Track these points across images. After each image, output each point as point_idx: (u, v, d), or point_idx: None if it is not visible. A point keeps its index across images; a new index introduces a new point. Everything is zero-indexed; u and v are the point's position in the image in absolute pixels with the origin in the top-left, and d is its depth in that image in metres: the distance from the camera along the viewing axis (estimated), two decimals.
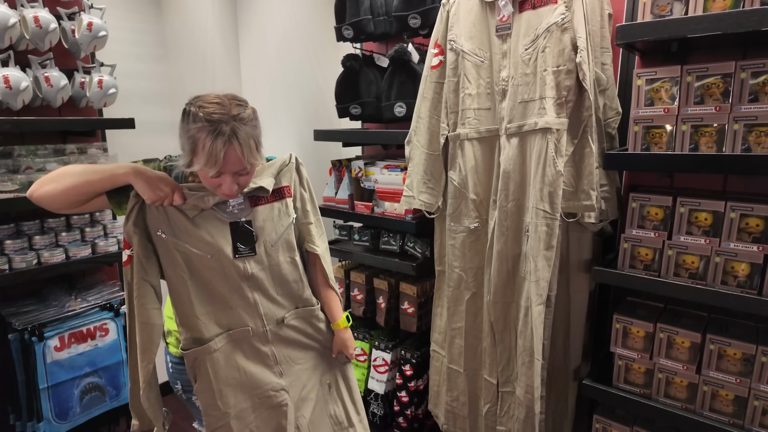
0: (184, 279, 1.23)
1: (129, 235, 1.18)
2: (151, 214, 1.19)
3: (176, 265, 1.22)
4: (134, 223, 1.18)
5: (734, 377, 1.39)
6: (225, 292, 1.26)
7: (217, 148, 1.06)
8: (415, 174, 1.88)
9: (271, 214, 1.29)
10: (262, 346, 1.32)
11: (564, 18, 1.46)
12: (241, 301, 1.27)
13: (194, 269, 1.24)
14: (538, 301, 1.58)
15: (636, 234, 1.50)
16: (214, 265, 1.23)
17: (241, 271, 1.25)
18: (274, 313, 1.33)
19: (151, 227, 1.20)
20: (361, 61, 2.18)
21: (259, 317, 1.30)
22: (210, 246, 1.22)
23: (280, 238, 1.30)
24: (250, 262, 1.26)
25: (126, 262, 1.20)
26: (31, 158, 2.03)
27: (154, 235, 1.20)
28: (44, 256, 1.99)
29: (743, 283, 1.34)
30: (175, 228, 1.20)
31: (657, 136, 1.43)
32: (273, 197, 1.30)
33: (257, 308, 1.29)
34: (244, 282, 1.26)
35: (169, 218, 1.19)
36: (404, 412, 2.21)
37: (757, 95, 1.28)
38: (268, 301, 1.31)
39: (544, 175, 1.53)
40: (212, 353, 1.26)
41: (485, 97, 1.69)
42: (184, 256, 1.22)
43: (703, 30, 1.24)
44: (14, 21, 1.79)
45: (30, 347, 1.91)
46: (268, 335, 1.32)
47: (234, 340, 1.29)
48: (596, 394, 1.63)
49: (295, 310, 1.37)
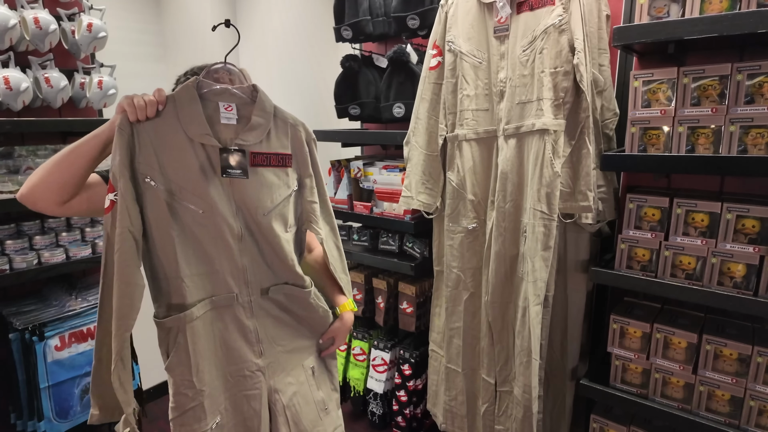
0: (171, 236, 1.09)
1: (115, 175, 1.03)
2: (142, 155, 1.06)
3: (163, 218, 1.08)
4: (121, 161, 1.03)
5: (730, 377, 1.40)
6: (213, 254, 1.14)
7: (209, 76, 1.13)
8: (413, 174, 1.88)
9: (270, 179, 1.19)
10: (246, 319, 1.21)
11: (561, 19, 1.47)
12: (229, 264, 1.16)
13: (183, 225, 1.11)
14: (535, 302, 1.59)
15: (633, 235, 1.51)
16: (206, 222, 1.12)
17: (234, 231, 1.15)
18: (260, 282, 1.22)
19: (139, 171, 1.06)
20: (360, 61, 2.18)
21: (245, 284, 1.20)
22: (204, 198, 1.11)
23: (275, 208, 1.20)
24: (241, 222, 1.16)
25: (108, 209, 1.04)
26: (32, 159, 2.03)
27: (142, 181, 1.07)
28: (45, 256, 1.99)
29: (739, 283, 1.35)
30: (165, 173, 1.08)
31: (654, 137, 1.43)
32: (275, 160, 1.20)
33: (244, 274, 1.19)
34: (236, 243, 1.16)
35: (159, 158, 1.07)
36: (403, 411, 2.22)
37: (753, 97, 1.28)
38: (256, 269, 1.21)
39: (541, 176, 1.53)
40: (192, 321, 1.13)
41: (483, 98, 1.69)
42: (173, 210, 1.09)
43: (699, 32, 1.25)
44: (14, 22, 1.79)
45: (30, 347, 1.92)
46: (252, 306, 1.22)
47: (217, 308, 1.18)
48: (593, 394, 1.64)
49: (284, 284, 1.27)
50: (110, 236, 1.06)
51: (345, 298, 1.39)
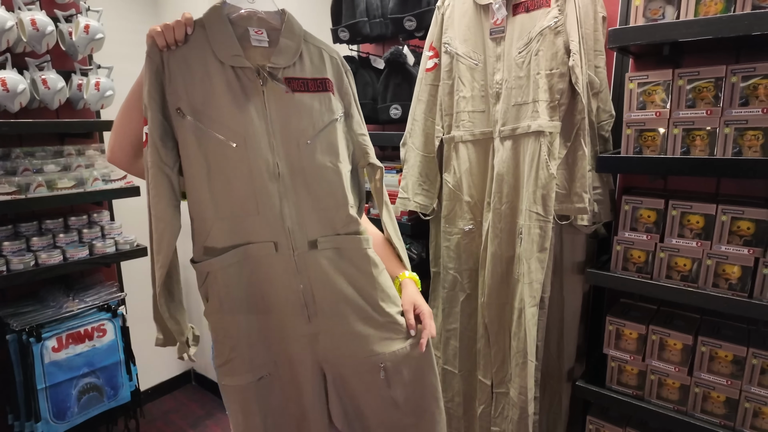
0: (201, 174, 1.01)
1: (145, 106, 0.99)
2: (171, 85, 0.99)
3: (193, 153, 1.00)
4: (149, 92, 0.98)
5: (725, 379, 1.40)
6: (248, 194, 1.03)
7: None
8: (410, 176, 1.88)
9: (310, 104, 1.07)
10: (291, 276, 1.05)
11: (557, 21, 1.47)
12: (265, 208, 1.03)
13: (214, 162, 1.01)
14: (531, 303, 1.59)
15: (629, 236, 1.51)
16: (239, 156, 1.01)
17: (271, 167, 1.02)
18: (305, 233, 1.06)
19: (169, 101, 1.00)
20: (357, 62, 2.18)
21: (286, 233, 1.04)
22: (237, 130, 1.01)
23: (318, 134, 1.06)
24: (280, 158, 1.04)
25: (145, 142, 1.00)
26: (29, 160, 2.04)
27: (172, 112, 1.00)
28: (42, 258, 2.00)
29: (734, 285, 1.35)
30: (196, 103, 1.00)
31: (649, 139, 1.43)
32: (313, 86, 1.09)
33: (283, 221, 1.04)
34: (273, 183, 1.03)
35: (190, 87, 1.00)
36: None
37: (747, 99, 1.28)
38: (299, 215, 1.06)
39: (537, 177, 1.53)
40: (224, 268, 1.04)
41: (479, 99, 1.69)
42: (202, 143, 1.00)
43: (693, 34, 1.25)
44: (11, 24, 1.80)
45: (28, 348, 1.93)
46: (296, 261, 1.05)
47: (253, 257, 1.05)
48: (590, 396, 1.64)
49: (335, 236, 1.09)
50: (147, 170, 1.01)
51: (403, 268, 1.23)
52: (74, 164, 2.13)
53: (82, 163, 2.15)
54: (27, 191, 1.95)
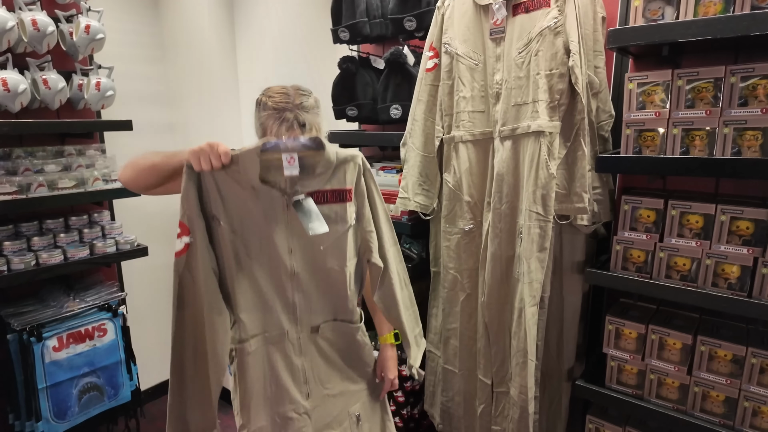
0: (231, 273, 1.18)
1: (191, 218, 1.11)
2: (209, 196, 1.13)
3: (226, 256, 1.17)
4: (195, 207, 1.11)
5: (725, 378, 1.40)
6: (268, 291, 1.22)
7: (281, 132, 1.17)
8: (410, 176, 1.89)
9: (327, 214, 1.21)
10: (295, 357, 1.27)
11: (557, 22, 1.48)
12: (281, 301, 1.24)
13: (242, 262, 1.19)
14: (531, 303, 1.60)
15: (628, 236, 1.52)
16: (262, 259, 1.20)
17: (287, 268, 1.21)
18: (310, 320, 1.28)
19: (208, 212, 1.15)
20: (357, 63, 2.19)
21: (296, 321, 1.26)
22: (263, 238, 1.18)
23: (332, 243, 1.24)
24: (297, 260, 1.22)
25: (181, 251, 1.11)
26: (30, 160, 2.04)
27: (211, 221, 1.16)
28: (43, 257, 2.00)
29: (733, 285, 1.35)
30: (230, 213, 1.16)
31: (649, 139, 1.44)
32: (332, 197, 1.23)
33: (295, 311, 1.25)
34: (288, 281, 1.22)
35: (224, 201, 1.15)
36: (400, 411, 2.23)
37: (746, 99, 1.29)
38: (307, 305, 1.26)
39: (536, 177, 1.54)
40: (246, 356, 1.23)
41: (479, 100, 1.70)
42: (234, 248, 1.17)
43: (692, 35, 1.25)
44: (12, 24, 1.80)
45: (28, 347, 1.93)
46: (300, 343, 1.28)
47: (268, 344, 1.25)
48: (589, 395, 1.64)
49: (333, 321, 1.32)
50: (183, 277, 1.14)
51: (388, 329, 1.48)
52: (75, 164, 2.13)
53: (82, 163, 2.16)
54: (28, 191, 1.96)
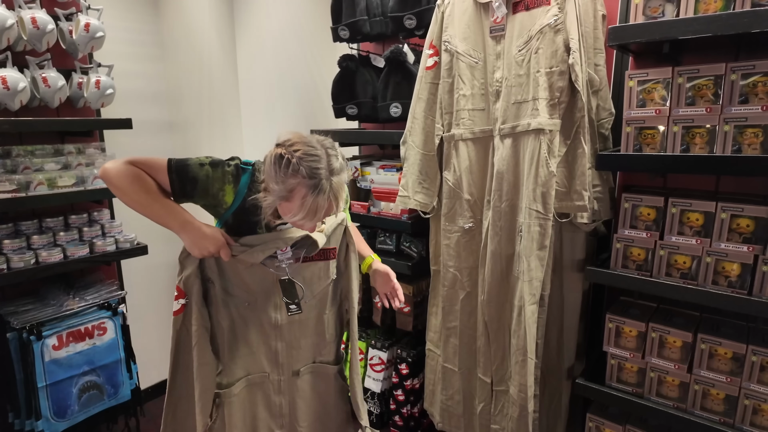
0: (221, 327, 1.30)
1: (188, 284, 1.23)
2: (205, 261, 1.24)
3: (217, 312, 1.29)
4: (194, 272, 1.23)
5: (725, 376, 1.40)
6: (253, 340, 1.33)
7: (319, 204, 1.09)
8: (410, 174, 1.89)
9: (314, 273, 1.34)
10: (274, 395, 1.39)
11: (557, 19, 1.47)
12: (265, 348, 1.34)
13: (232, 318, 1.31)
14: (531, 301, 1.59)
15: (628, 234, 1.51)
16: (251, 314, 1.31)
17: (272, 321, 1.32)
18: (291, 364, 1.39)
19: (204, 275, 1.26)
20: (357, 61, 2.19)
21: (278, 366, 1.37)
22: (252, 295, 1.29)
23: (315, 297, 1.36)
24: (281, 314, 1.32)
25: (178, 311, 1.25)
26: (30, 158, 2.04)
27: (207, 282, 1.27)
28: (42, 256, 2.00)
29: (734, 283, 1.35)
30: (223, 276, 1.26)
31: (649, 137, 1.43)
32: (318, 256, 1.33)
33: (277, 357, 1.36)
34: (272, 331, 1.33)
35: (220, 267, 1.25)
36: (400, 410, 2.23)
37: (747, 96, 1.28)
38: (288, 351, 1.37)
39: (536, 175, 1.54)
40: (231, 398, 1.33)
41: (479, 97, 1.70)
42: (225, 306, 1.29)
43: (693, 32, 1.25)
44: (12, 22, 1.80)
45: (28, 346, 1.92)
46: (281, 384, 1.39)
47: (251, 384, 1.36)
48: (589, 393, 1.64)
49: (312, 364, 1.43)
50: (180, 333, 1.27)
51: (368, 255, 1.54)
52: (74, 162, 2.13)
53: (82, 162, 2.15)
54: (27, 189, 1.95)
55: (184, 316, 1.26)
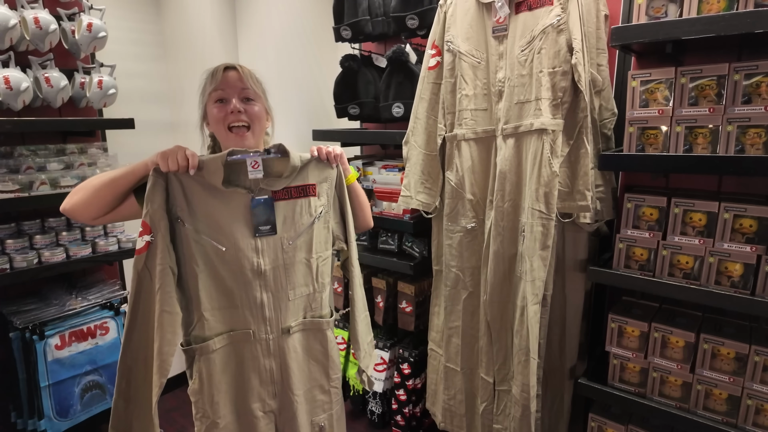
0: (195, 272, 1.18)
1: (155, 218, 1.11)
2: (174, 198, 1.14)
3: (189, 255, 1.17)
4: (160, 207, 1.12)
5: (727, 376, 1.40)
6: (233, 289, 1.20)
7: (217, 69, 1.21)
8: (412, 174, 1.89)
9: (292, 211, 1.24)
10: (263, 359, 1.25)
11: (560, 19, 1.47)
12: (248, 300, 1.22)
13: (207, 261, 1.18)
14: (533, 301, 1.60)
15: (631, 234, 1.51)
16: (228, 258, 1.18)
17: (255, 266, 1.20)
18: (280, 320, 1.26)
19: (172, 213, 1.15)
20: (359, 61, 2.19)
21: (264, 321, 1.24)
22: (228, 237, 1.18)
23: (299, 237, 1.25)
24: (264, 257, 1.21)
25: (142, 249, 1.12)
26: (32, 158, 2.04)
27: (174, 222, 1.15)
28: (45, 256, 2.00)
29: (737, 283, 1.35)
30: (194, 215, 1.16)
31: (652, 137, 1.44)
32: (296, 193, 1.25)
33: (263, 311, 1.23)
34: (256, 279, 1.21)
35: (189, 203, 1.15)
36: (402, 410, 2.23)
37: (750, 97, 1.28)
38: (276, 304, 1.25)
39: (539, 175, 1.54)
40: (210, 353, 1.21)
41: (482, 97, 1.70)
42: (199, 247, 1.17)
43: (696, 32, 1.25)
44: (14, 22, 1.80)
45: (31, 345, 1.93)
46: (270, 345, 1.25)
47: (234, 342, 1.23)
48: (592, 393, 1.64)
49: (303, 320, 1.30)
50: (142, 274, 1.14)
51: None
52: (77, 162, 2.14)
53: (84, 162, 2.16)
54: (30, 189, 1.96)
55: (148, 254, 1.12)
